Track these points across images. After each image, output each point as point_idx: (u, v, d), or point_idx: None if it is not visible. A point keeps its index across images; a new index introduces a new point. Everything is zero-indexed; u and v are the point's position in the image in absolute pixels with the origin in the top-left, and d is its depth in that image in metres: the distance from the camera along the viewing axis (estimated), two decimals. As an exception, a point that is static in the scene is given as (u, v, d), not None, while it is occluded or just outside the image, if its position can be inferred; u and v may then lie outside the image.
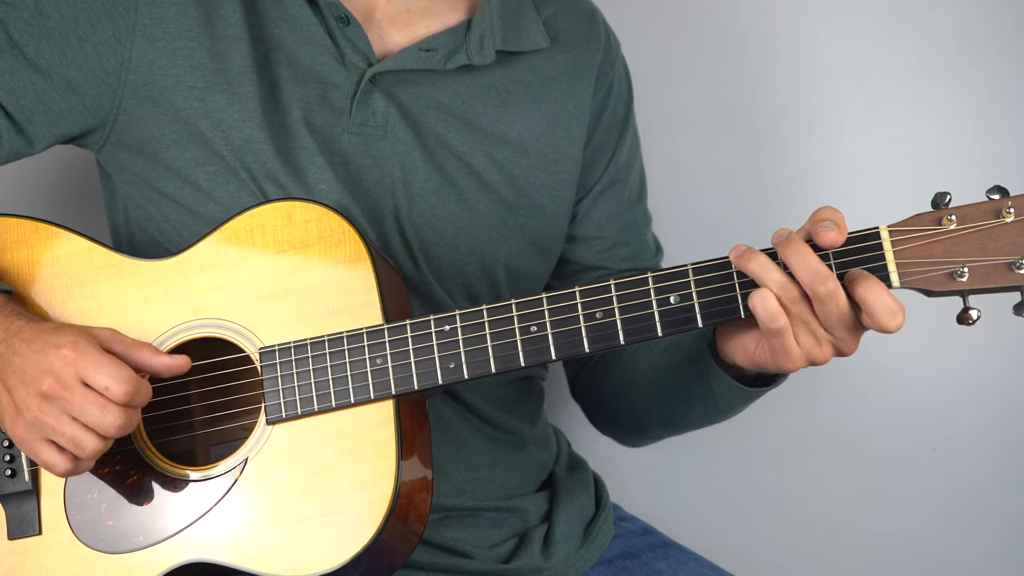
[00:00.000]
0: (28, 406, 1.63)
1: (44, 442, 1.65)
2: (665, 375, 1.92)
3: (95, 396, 1.62)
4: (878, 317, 1.57)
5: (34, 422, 1.64)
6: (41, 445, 1.65)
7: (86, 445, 1.63)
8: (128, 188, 1.93)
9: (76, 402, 1.62)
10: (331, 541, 1.64)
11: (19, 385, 1.64)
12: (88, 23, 1.85)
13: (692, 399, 1.88)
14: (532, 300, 1.67)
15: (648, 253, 2.14)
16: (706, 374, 1.81)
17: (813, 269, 1.57)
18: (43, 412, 1.63)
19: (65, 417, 1.63)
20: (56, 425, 1.63)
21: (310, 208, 1.74)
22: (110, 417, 1.62)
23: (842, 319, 1.59)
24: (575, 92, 2.03)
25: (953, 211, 1.58)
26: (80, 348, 1.62)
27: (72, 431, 1.63)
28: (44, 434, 1.64)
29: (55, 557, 1.71)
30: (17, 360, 1.65)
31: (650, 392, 1.98)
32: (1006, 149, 2.49)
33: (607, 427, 2.18)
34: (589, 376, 2.13)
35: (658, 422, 2.03)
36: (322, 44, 1.90)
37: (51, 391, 1.62)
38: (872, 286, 1.57)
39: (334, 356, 1.69)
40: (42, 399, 1.62)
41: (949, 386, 2.56)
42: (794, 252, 1.58)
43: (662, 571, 2.05)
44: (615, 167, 2.09)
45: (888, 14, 2.51)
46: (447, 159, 1.93)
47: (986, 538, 2.58)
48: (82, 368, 1.62)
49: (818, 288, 1.57)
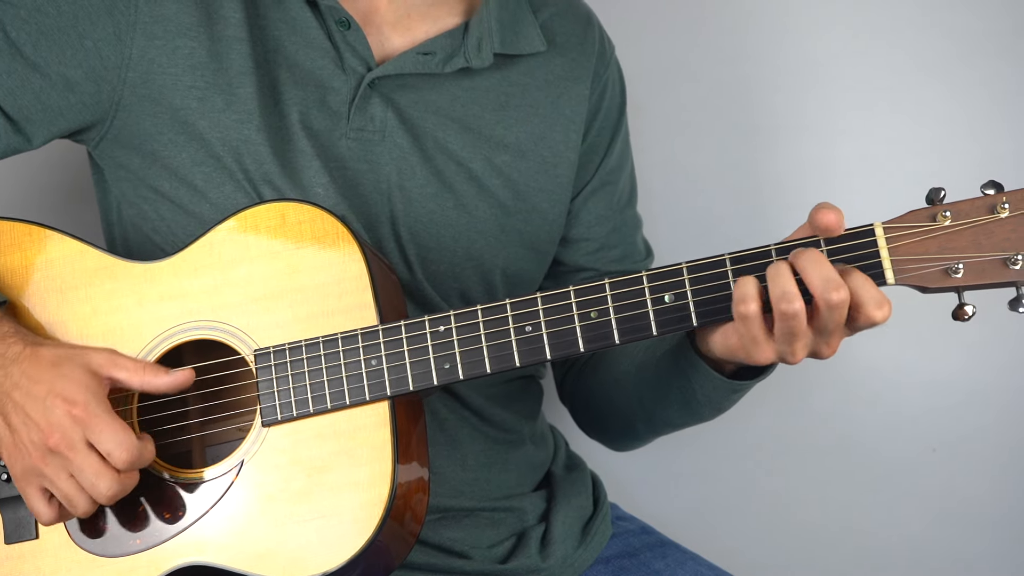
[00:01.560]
0: (30, 453, 1.65)
1: (38, 489, 1.67)
2: (646, 371, 1.92)
3: (94, 460, 1.63)
4: (866, 308, 1.56)
5: (33, 469, 1.65)
6: (34, 491, 1.67)
7: (78, 505, 1.66)
8: (123, 185, 1.93)
9: (76, 463, 1.63)
10: (328, 543, 1.64)
11: (22, 428, 1.65)
12: (88, 20, 1.85)
13: (672, 393, 1.87)
14: (527, 300, 1.67)
15: (637, 256, 2.14)
16: (685, 366, 1.80)
17: (826, 276, 1.55)
18: (45, 463, 1.64)
19: (64, 473, 1.64)
20: (55, 479, 1.65)
21: (304, 209, 1.74)
22: (103, 485, 1.63)
23: (839, 326, 1.58)
24: (571, 95, 2.03)
25: (948, 207, 1.58)
26: (90, 409, 1.63)
27: (68, 488, 1.65)
28: (41, 482, 1.66)
29: (52, 561, 1.71)
30: (17, 395, 1.65)
31: (632, 389, 1.97)
32: (1005, 150, 2.49)
33: (595, 431, 2.18)
34: (576, 378, 2.13)
35: (642, 420, 2.02)
36: (322, 47, 1.90)
37: (56, 448, 1.63)
38: (858, 277, 1.56)
39: (329, 357, 1.69)
40: (47, 452, 1.64)
41: (949, 387, 2.56)
42: (810, 259, 1.56)
43: (660, 570, 2.05)
44: (605, 169, 2.09)
45: (886, 15, 2.51)
46: (445, 164, 1.93)
47: (986, 538, 2.58)
48: (89, 430, 1.63)
49: (830, 295, 1.55)
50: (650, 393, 1.92)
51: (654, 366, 1.88)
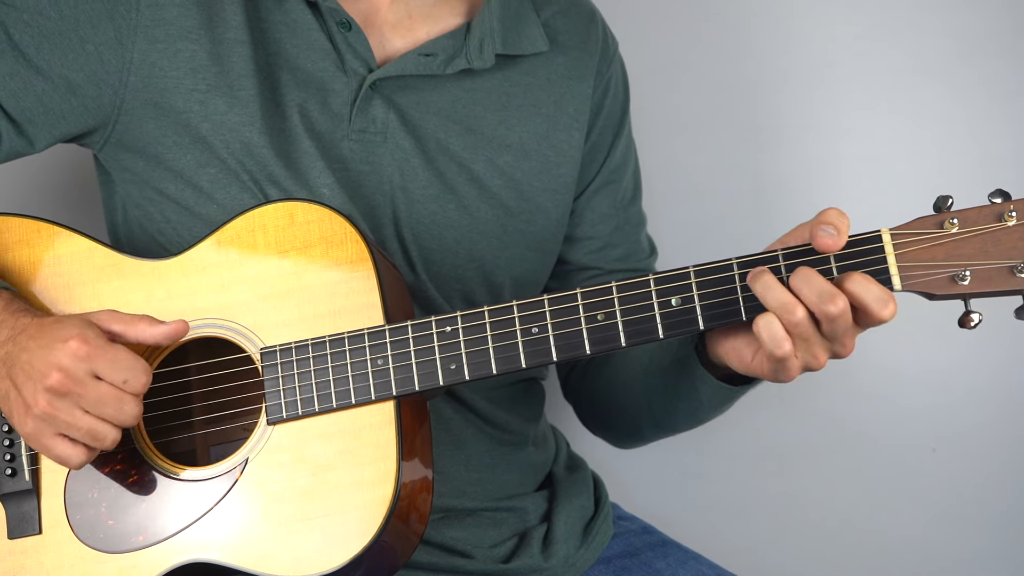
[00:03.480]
0: (36, 401, 1.62)
1: (56, 436, 1.64)
2: (653, 376, 1.93)
3: (109, 388, 1.62)
4: (870, 308, 1.57)
5: (43, 416, 1.63)
6: (53, 440, 1.64)
7: (106, 436, 1.63)
8: (128, 187, 1.93)
9: (91, 395, 1.61)
10: (332, 541, 1.64)
11: (27, 381, 1.63)
12: (89, 24, 1.84)
13: (679, 400, 1.88)
14: (533, 302, 1.67)
15: (641, 254, 2.14)
16: (692, 376, 1.82)
17: (819, 290, 1.57)
18: (53, 407, 1.62)
19: (79, 411, 1.62)
20: (70, 420, 1.62)
21: (312, 209, 1.74)
22: (128, 407, 1.62)
23: (847, 329, 1.59)
24: (575, 94, 2.03)
25: (955, 214, 1.58)
26: (90, 340, 1.62)
27: (88, 423, 1.62)
28: (56, 428, 1.64)
29: (55, 556, 1.71)
30: (24, 356, 1.64)
31: (640, 393, 1.98)
32: (1005, 151, 2.49)
33: (599, 429, 2.18)
34: (580, 377, 2.13)
35: (648, 423, 2.03)
36: (323, 49, 1.90)
37: (60, 386, 1.61)
38: (858, 279, 1.57)
39: (335, 357, 1.69)
40: (51, 394, 1.62)
41: (949, 386, 2.56)
42: (801, 279, 1.58)
43: (661, 570, 2.05)
44: (609, 167, 2.09)
45: (887, 16, 2.51)
46: (447, 165, 1.93)
47: (986, 538, 2.59)
48: (96, 363, 1.61)
49: (827, 308, 1.56)
50: (658, 400, 1.93)
51: (661, 374, 1.89)
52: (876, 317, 1.58)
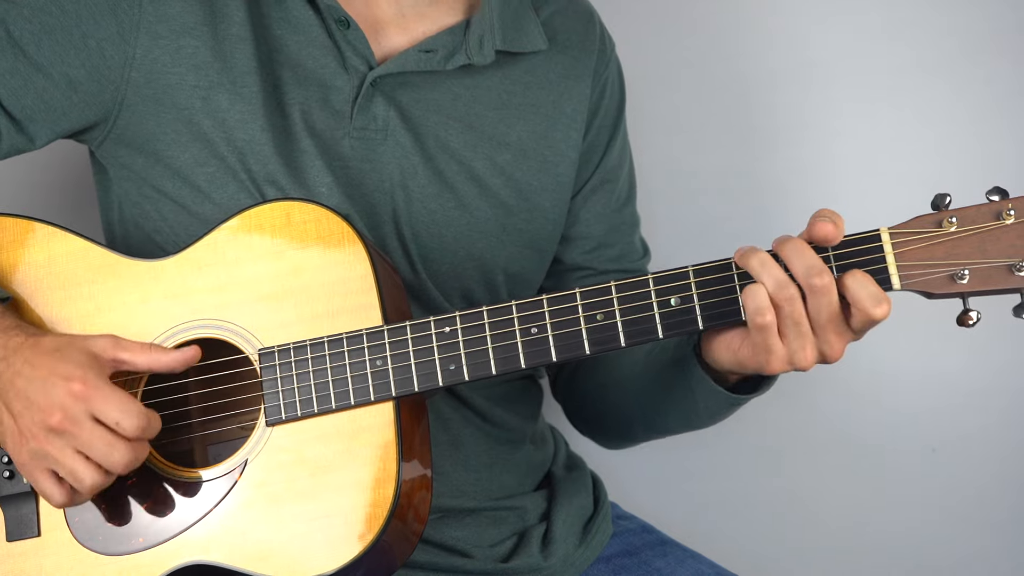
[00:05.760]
0: (34, 435, 1.63)
1: (45, 472, 1.65)
2: (648, 377, 1.93)
3: (103, 432, 1.62)
4: (863, 303, 1.57)
5: (38, 451, 1.64)
6: (42, 474, 1.65)
7: (84, 479, 1.63)
8: (125, 185, 1.92)
9: (84, 437, 1.61)
10: (332, 542, 1.64)
11: (25, 412, 1.63)
12: (91, 19, 1.84)
13: (673, 402, 1.88)
14: (532, 302, 1.67)
15: (635, 255, 2.14)
16: (688, 378, 1.82)
17: (809, 263, 1.58)
18: (49, 444, 1.62)
19: (69, 450, 1.62)
20: (59, 457, 1.63)
21: (309, 208, 1.74)
22: (117, 454, 1.62)
23: (832, 316, 1.59)
24: (573, 94, 2.03)
25: (954, 213, 1.59)
26: (90, 383, 1.62)
27: (72, 464, 1.63)
28: (47, 464, 1.64)
29: (54, 559, 1.71)
30: (20, 383, 1.64)
31: (633, 394, 1.98)
32: (1006, 150, 2.49)
33: (588, 428, 2.18)
34: (570, 377, 2.13)
35: (640, 424, 2.03)
36: (324, 47, 1.89)
37: (60, 426, 1.61)
38: (856, 275, 1.58)
39: (334, 357, 1.69)
40: (50, 432, 1.62)
41: (949, 387, 2.56)
42: (792, 248, 1.60)
43: (660, 569, 2.05)
44: (604, 168, 2.09)
45: (887, 14, 2.51)
46: (448, 163, 1.93)
47: (986, 538, 2.59)
48: (93, 404, 1.61)
49: (813, 280, 1.58)
50: (652, 402, 1.93)
51: (657, 376, 1.89)
52: (868, 314, 1.58)
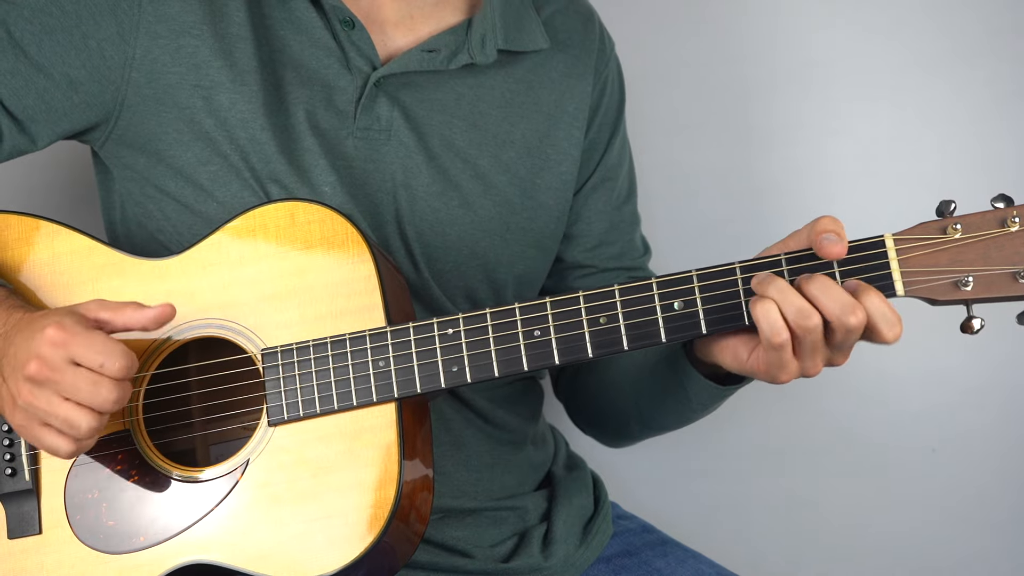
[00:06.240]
0: (19, 391, 1.61)
1: (42, 426, 1.62)
2: (642, 375, 1.93)
3: (86, 373, 1.59)
4: (878, 327, 1.57)
5: (26, 407, 1.61)
6: (40, 430, 1.62)
7: (80, 423, 1.60)
8: (128, 185, 1.92)
9: (67, 381, 1.59)
10: (333, 543, 1.64)
11: (12, 373, 1.62)
12: (91, 20, 1.84)
13: (667, 399, 1.88)
14: (535, 304, 1.67)
15: (635, 253, 2.14)
16: (680, 374, 1.81)
17: (842, 302, 1.56)
18: (34, 396, 1.60)
19: (57, 398, 1.60)
20: (47, 407, 1.60)
21: (313, 209, 1.73)
22: (104, 392, 1.59)
23: (856, 340, 1.59)
24: (574, 93, 2.04)
25: (958, 220, 1.58)
26: (66, 327, 1.60)
27: (64, 411, 1.60)
28: (40, 418, 1.62)
29: (55, 557, 1.71)
30: (11, 350, 1.64)
31: (628, 392, 1.98)
32: (1006, 150, 2.49)
33: (589, 427, 2.18)
34: (572, 376, 2.14)
35: (637, 422, 2.03)
36: (327, 47, 1.89)
37: (38, 374, 1.59)
38: (872, 298, 1.57)
39: (336, 358, 1.69)
40: (31, 383, 1.60)
41: (949, 387, 2.56)
42: (820, 288, 1.57)
43: (661, 569, 2.05)
44: (605, 166, 2.09)
45: (886, 15, 2.50)
46: (452, 162, 1.93)
47: (986, 538, 2.59)
48: (72, 348, 1.59)
49: (848, 320, 1.56)
50: (646, 399, 1.94)
51: (650, 373, 1.89)
52: (881, 337, 1.58)
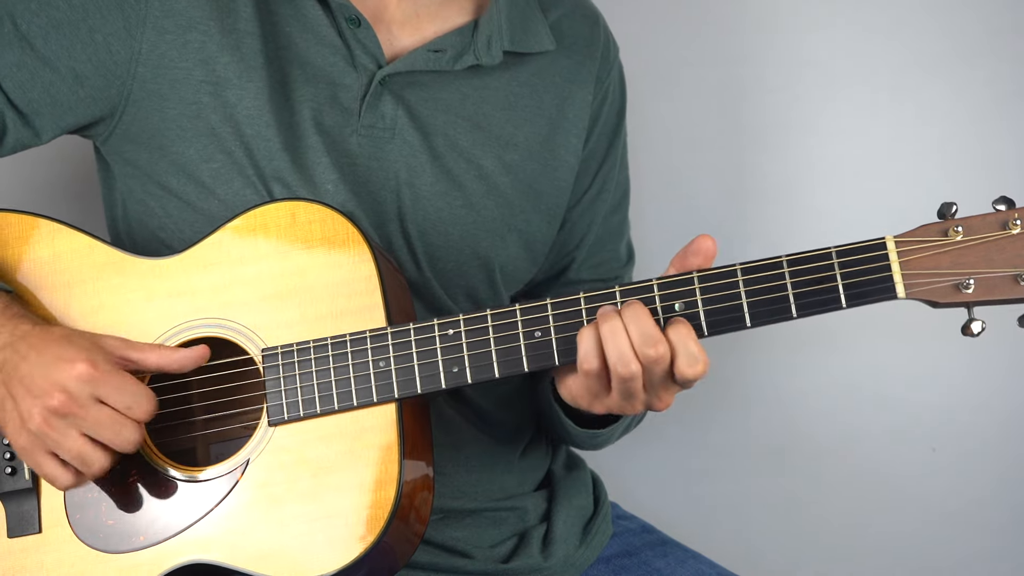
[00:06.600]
0: (32, 416, 1.63)
1: (47, 454, 1.65)
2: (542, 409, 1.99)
3: (110, 413, 1.62)
4: (678, 361, 1.59)
5: (38, 432, 1.63)
6: (44, 457, 1.65)
7: (93, 461, 1.64)
8: (130, 182, 1.92)
9: (90, 418, 1.62)
10: (333, 543, 1.64)
11: (26, 395, 1.63)
12: (98, 14, 1.84)
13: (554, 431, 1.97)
14: (536, 305, 1.66)
15: (617, 263, 2.15)
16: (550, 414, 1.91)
17: (645, 333, 1.59)
18: (49, 425, 1.62)
19: (74, 432, 1.63)
20: (62, 440, 1.63)
21: (314, 208, 1.73)
22: (126, 432, 1.63)
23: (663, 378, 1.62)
24: (575, 100, 2.03)
25: (960, 222, 1.58)
26: (98, 366, 1.63)
27: (80, 447, 1.63)
28: (47, 447, 1.65)
29: (55, 556, 1.71)
30: (25, 367, 1.64)
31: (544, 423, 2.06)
32: (1006, 150, 2.49)
33: None
34: None
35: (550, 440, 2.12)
36: (333, 45, 1.89)
37: (62, 407, 1.62)
38: (680, 331, 1.60)
39: (337, 358, 1.69)
40: (50, 413, 1.62)
41: (949, 387, 2.56)
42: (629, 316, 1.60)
43: (660, 569, 2.05)
44: (602, 176, 2.10)
45: (886, 15, 2.50)
46: (456, 161, 1.92)
47: (986, 538, 2.59)
48: (101, 387, 1.62)
49: (647, 351, 1.59)
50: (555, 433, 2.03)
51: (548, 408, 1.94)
52: (681, 373, 1.60)
